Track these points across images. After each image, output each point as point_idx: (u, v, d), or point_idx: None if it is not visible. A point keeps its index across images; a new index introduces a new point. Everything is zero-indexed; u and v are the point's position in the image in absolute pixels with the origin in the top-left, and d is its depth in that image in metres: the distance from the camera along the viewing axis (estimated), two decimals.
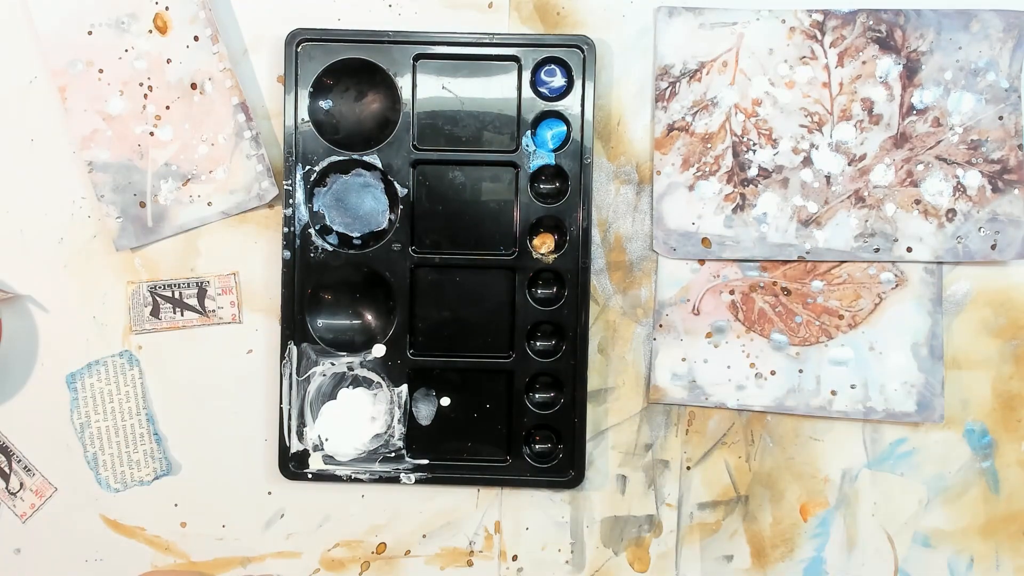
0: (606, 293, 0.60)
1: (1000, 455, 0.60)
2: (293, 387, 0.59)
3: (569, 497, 0.61)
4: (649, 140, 0.59)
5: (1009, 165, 0.58)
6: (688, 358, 0.60)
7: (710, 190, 0.59)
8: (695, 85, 0.58)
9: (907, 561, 0.60)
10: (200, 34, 0.58)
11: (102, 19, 0.58)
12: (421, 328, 0.59)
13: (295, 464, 0.59)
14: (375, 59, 0.58)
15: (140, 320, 0.60)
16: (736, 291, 0.59)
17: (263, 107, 0.59)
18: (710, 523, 0.61)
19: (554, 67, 0.58)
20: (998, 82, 0.58)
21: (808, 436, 0.60)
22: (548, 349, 0.59)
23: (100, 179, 0.59)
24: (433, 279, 0.59)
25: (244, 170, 0.59)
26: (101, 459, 0.60)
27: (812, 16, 0.58)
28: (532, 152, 0.58)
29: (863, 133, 0.58)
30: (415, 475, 0.59)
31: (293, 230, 0.58)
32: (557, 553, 0.61)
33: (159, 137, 0.59)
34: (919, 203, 0.58)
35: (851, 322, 0.59)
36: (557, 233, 0.59)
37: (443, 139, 0.58)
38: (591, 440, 0.60)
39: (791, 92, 0.58)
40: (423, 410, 0.60)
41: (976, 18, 0.58)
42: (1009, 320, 0.60)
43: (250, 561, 0.61)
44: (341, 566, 0.61)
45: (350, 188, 0.59)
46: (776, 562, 0.61)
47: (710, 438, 0.60)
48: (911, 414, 0.59)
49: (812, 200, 0.59)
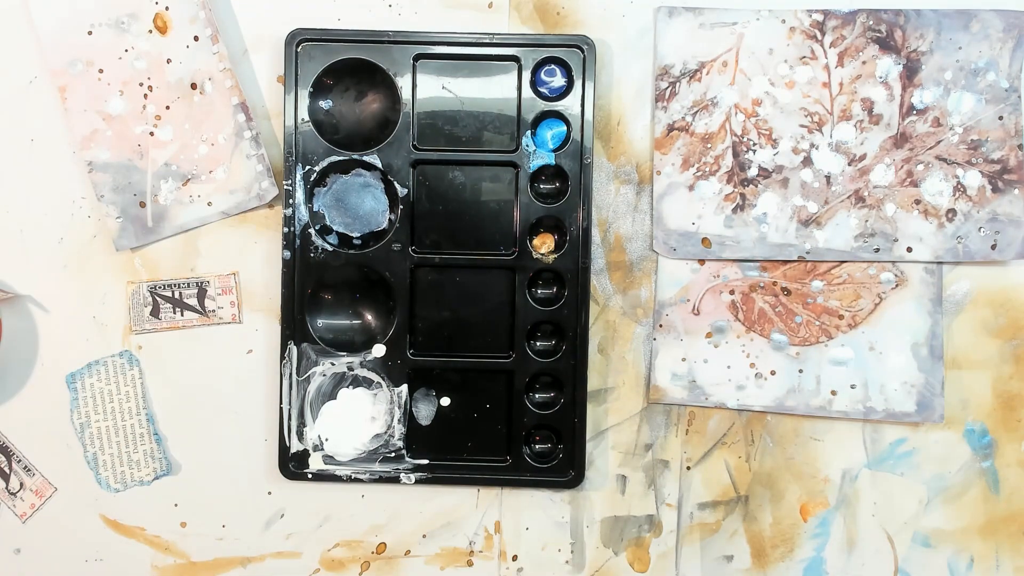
0: (606, 293, 0.60)
1: (1000, 455, 0.60)
2: (293, 387, 0.59)
3: (569, 497, 0.61)
4: (649, 140, 0.59)
5: (1009, 165, 0.58)
6: (688, 358, 0.60)
7: (710, 190, 0.59)
8: (695, 85, 0.58)
9: (907, 561, 0.60)
10: (200, 34, 0.58)
11: (102, 19, 0.58)
12: (421, 328, 0.59)
13: (295, 464, 0.59)
14: (375, 59, 0.58)
15: (140, 320, 0.60)
16: (736, 291, 0.59)
17: (263, 107, 0.59)
18: (710, 523, 0.61)
19: (554, 67, 0.58)
20: (998, 82, 0.58)
21: (808, 436, 0.60)
22: (548, 349, 0.59)
23: (100, 179, 0.59)
24: (433, 279, 0.59)
25: (244, 170, 0.59)
26: (101, 459, 0.60)
27: (812, 16, 0.58)
28: (532, 152, 0.58)
29: (863, 133, 0.58)
30: (415, 475, 0.59)
31: (293, 230, 0.58)
32: (557, 553, 0.61)
33: (159, 137, 0.59)
34: (919, 203, 0.58)
35: (851, 322, 0.59)
36: (557, 233, 0.59)
37: (443, 139, 0.58)
38: (591, 440, 0.60)
39: (791, 92, 0.58)
40: (423, 410, 0.59)
41: (976, 18, 0.58)
42: (1009, 320, 0.60)
43: (250, 561, 0.61)
44: (341, 566, 0.61)
45: (350, 188, 0.59)
46: (776, 562, 0.61)
47: (710, 438, 0.60)
48: (911, 414, 0.59)
49: (812, 200, 0.59)
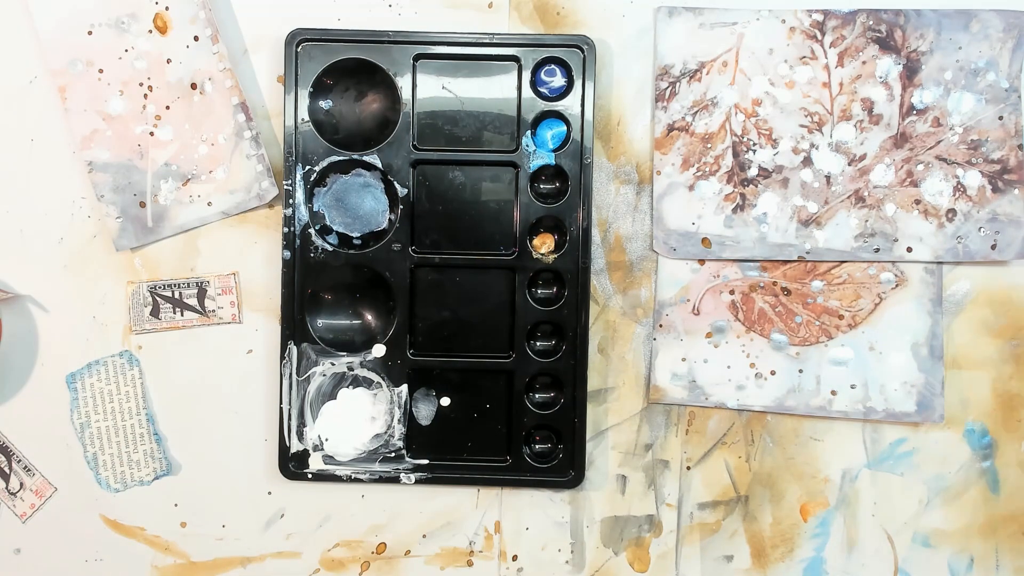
0: (606, 293, 0.60)
1: (1000, 455, 0.60)
2: (293, 387, 0.59)
3: (569, 497, 0.61)
4: (649, 140, 0.59)
5: (1009, 165, 0.58)
6: (688, 358, 0.60)
7: (710, 190, 0.59)
8: (695, 85, 0.58)
9: (907, 561, 0.60)
10: (200, 34, 0.58)
11: (102, 19, 0.58)
12: (421, 328, 0.59)
13: (295, 464, 0.59)
14: (375, 59, 0.58)
15: (140, 320, 0.60)
16: (736, 291, 0.59)
17: (263, 107, 0.59)
18: (710, 523, 0.61)
19: (554, 67, 0.58)
20: (998, 82, 0.58)
21: (808, 436, 0.60)
22: (548, 349, 0.59)
23: (100, 179, 0.59)
24: (433, 279, 0.59)
25: (244, 170, 0.59)
26: (101, 459, 0.60)
27: (812, 16, 0.58)
28: (532, 152, 0.58)
29: (863, 133, 0.58)
30: (415, 475, 0.59)
31: (293, 230, 0.58)
32: (557, 553, 0.61)
33: (159, 137, 0.59)
34: (919, 203, 0.58)
35: (851, 322, 0.59)
36: (557, 233, 0.59)
37: (443, 139, 0.58)
38: (591, 440, 0.60)
39: (791, 92, 0.58)
40: (423, 410, 0.59)
41: (976, 18, 0.58)
42: (1009, 320, 0.60)
43: (250, 561, 0.61)
44: (341, 566, 0.61)
45: (350, 188, 0.59)
46: (776, 562, 0.61)
47: (710, 438, 0.60)
48: (911, 414, 0.59)
49: (812, 200, 0.59)
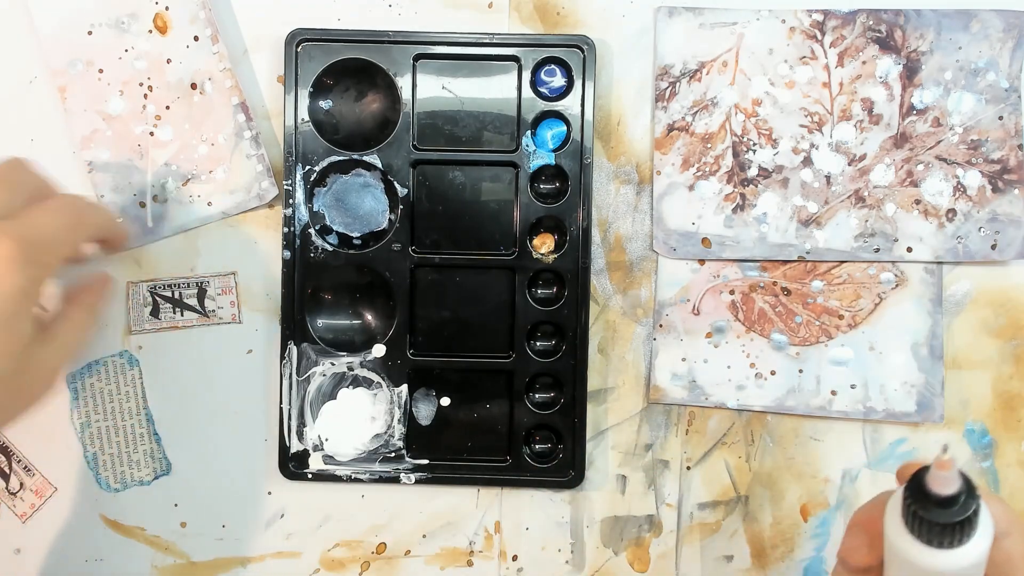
0: (606, 293, 0.60)
1: (1000, 455, 0.60)
2: (293, 387, 0.59)
3: (569, 497, 0.60)
4: (649, 140, 0.59)
5: (1009, 165, 0.58)
6: (688, 358, 0.60)
7: (710, 190, 0.59)
8: (695, 85, 0.58)
9: None
10: (200, 34, 0.58)
11: (102, 19, 0.58)
12: (421, 328, 0.59)
13: (295, 464, 0.59)
14: (375, 59, 0.58)
15: (140, 320, 0.60)
16: (736, 291, 0.59)
17: (263, 107, 0.59)
18: (710, 523, 0.61)
19: (554, 67, 0.58)
20: (998, 82, 0.58)
21: (808, 436, 0.60)
22: (548, 349, 0.59)
23: (100, 179, 0.59)
24: (433, 279, 0.59)
25: (244, 170, 0.59)
26: (101, 459, 0.60)
27: (812, 16, 0.58)
28: (532, 152, 0.58)
29: (863, 133, 0.58)
30: (415, 475, 0.59)
31: (293, 230, 0.58)
32: (557, 553, 0.61)
33: (159, 137, 0.59)
34: (919, 203, 0.58)
35: (851, 322, 0.59)
36: (557, 233, 0.59)
37: (443, 139, 0.58)
38: (591, 440, 0.60)
39: (791, 92, 0.58)
40: (423, 410, 0.59)
41: (976, 18, 0.58)
42: (1009, 320, 0.60)
43: (250, 561, 0.61)
44: (341, 566, 0.61)
45: (350, 188, 0.59)
46: (776, 562, 0.61)
47: (710, 438, 0.60)
48: (911, 414, 0.59)
49: (812, 200, 0.59)
